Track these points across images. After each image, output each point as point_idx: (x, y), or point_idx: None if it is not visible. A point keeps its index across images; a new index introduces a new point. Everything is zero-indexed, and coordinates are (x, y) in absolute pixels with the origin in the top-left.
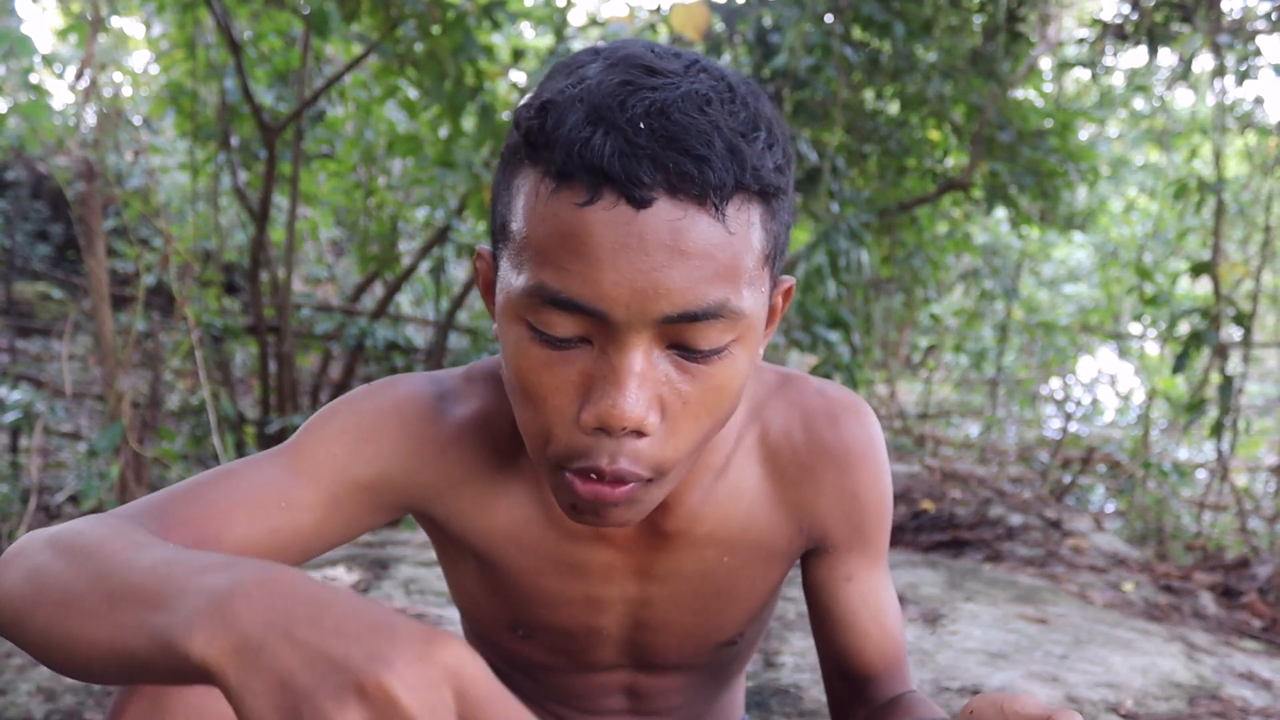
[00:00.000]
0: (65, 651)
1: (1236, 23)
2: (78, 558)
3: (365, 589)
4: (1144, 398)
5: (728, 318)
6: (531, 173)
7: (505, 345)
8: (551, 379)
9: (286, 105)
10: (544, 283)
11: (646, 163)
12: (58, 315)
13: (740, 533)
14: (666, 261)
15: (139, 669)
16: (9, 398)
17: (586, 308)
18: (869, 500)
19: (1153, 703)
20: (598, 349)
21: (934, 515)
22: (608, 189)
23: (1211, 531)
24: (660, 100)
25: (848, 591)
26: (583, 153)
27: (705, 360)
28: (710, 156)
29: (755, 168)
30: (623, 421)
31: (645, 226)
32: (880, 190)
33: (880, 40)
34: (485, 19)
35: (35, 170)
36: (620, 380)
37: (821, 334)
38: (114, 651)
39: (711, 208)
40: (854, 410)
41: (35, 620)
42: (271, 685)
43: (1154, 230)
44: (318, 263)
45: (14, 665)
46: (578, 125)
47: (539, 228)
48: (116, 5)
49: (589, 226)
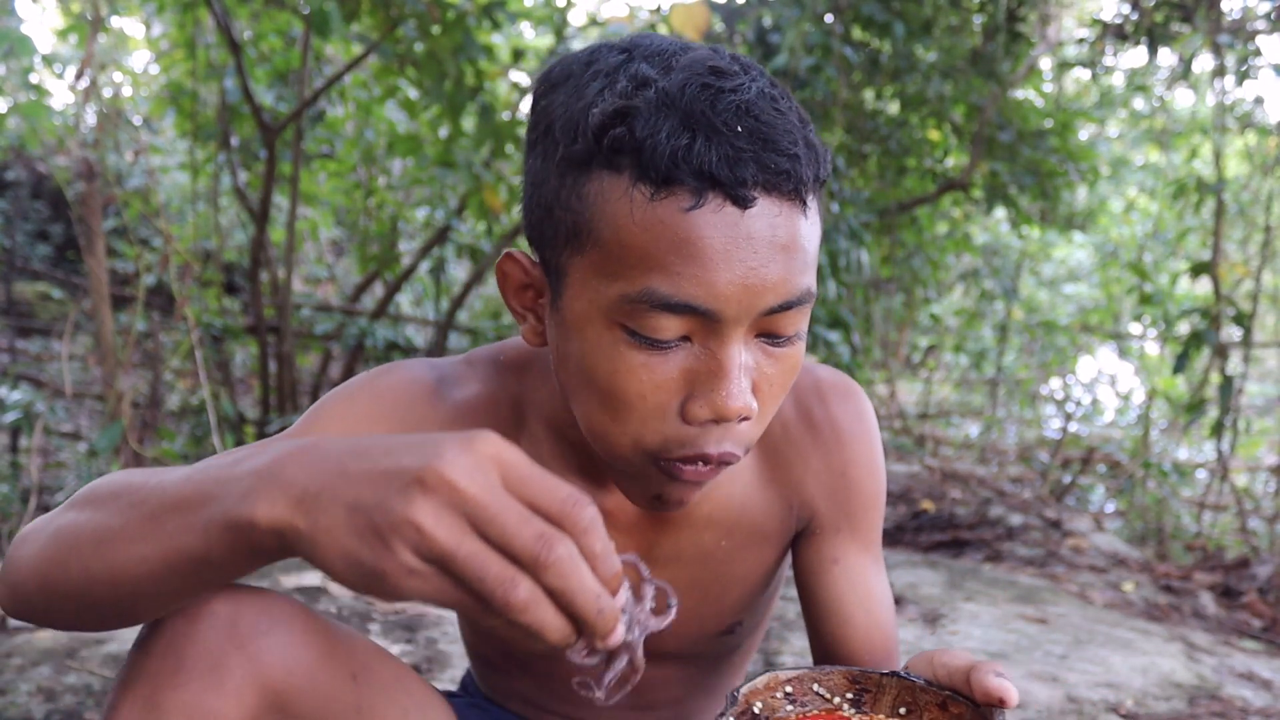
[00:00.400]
0: (110, 585)
1: (1236, 23)
2: (104, 503)
3: None
4: (1144, 398)
5: (809, 302)
6: (616, 180)
7: (592, 352)
8: (651, 378)
9: (286, 105)
10: (653, 288)
11: (751, 165)
12: (58, 315)
13: (737, 514)
14: (770, 257)
15: (195, 569)
16: (9, 398)
17: (700, 309)
18: (856, 479)
19: (1153, 702)
20: (699, 346)
21: (934, 515)
22: (713, 193)
23: (1211, 531)
24: (744, 101)
25: (834, 575)
26: (686, 158)
27: (786, 344)
28: (799, 154)
29: (824, 161)
30: (736, 412)
31: (752, 226)
32: (880, 190)
33: (880, 40)
34: (485, 19)
35: (35, 170)
36: (729, 373)
37: (821, 334)
38: (166, 561)
39: (800, 202)
40: (843, 390)
41: (70, 570)
42: (341, 516)
43: (1154, 230)
44: (318, 263)
45: (14, 665)
46: (674, 132)
47: (641, 234)
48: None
49: (699, 230)
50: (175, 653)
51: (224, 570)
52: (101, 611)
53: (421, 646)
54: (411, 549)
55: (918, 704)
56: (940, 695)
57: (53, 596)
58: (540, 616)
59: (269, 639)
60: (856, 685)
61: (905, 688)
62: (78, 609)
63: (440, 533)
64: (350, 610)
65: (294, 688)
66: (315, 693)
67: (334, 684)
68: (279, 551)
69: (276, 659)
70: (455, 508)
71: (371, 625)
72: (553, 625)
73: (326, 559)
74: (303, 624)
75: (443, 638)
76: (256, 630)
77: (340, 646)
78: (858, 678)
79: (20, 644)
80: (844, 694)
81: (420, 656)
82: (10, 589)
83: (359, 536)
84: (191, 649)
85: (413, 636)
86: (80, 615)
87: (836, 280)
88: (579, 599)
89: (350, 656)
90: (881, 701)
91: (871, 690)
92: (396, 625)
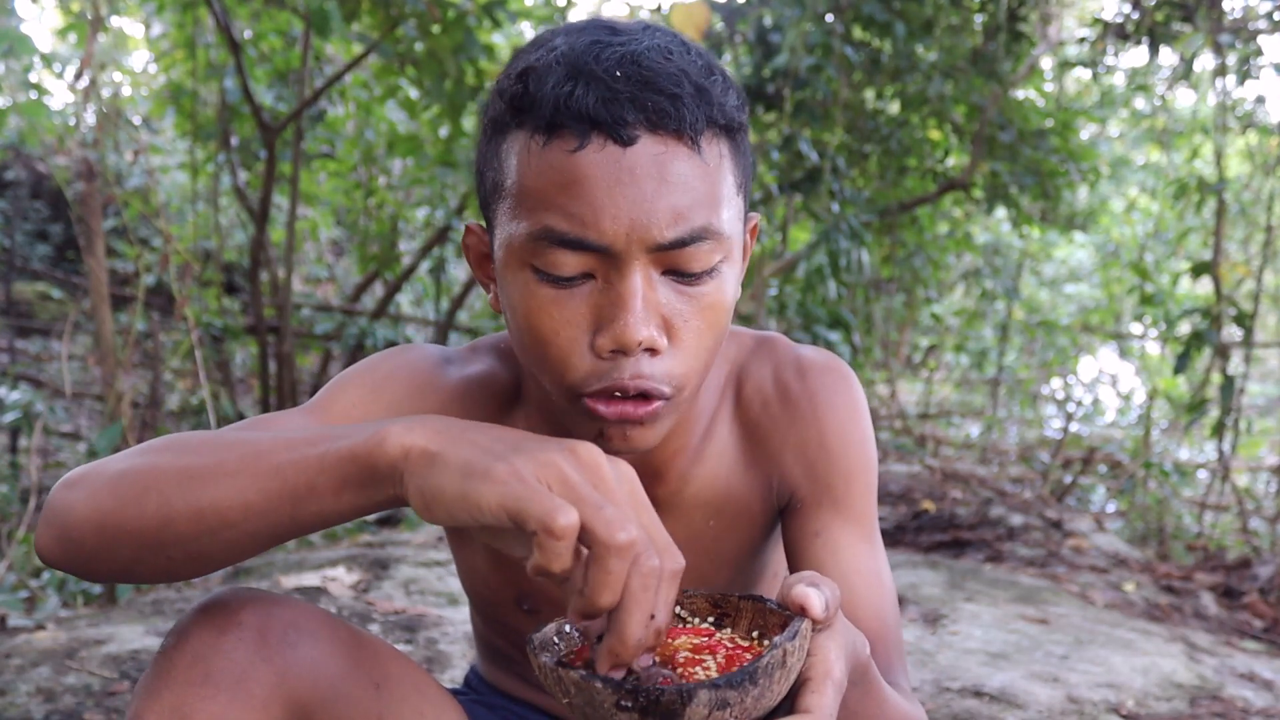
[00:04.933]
0: (193, 520)
1: (1238, 22)
2: (187, 448)
3: (365, 589)
4: (1145, 398)
5: (713, 239)
6: (519, 134)
7: (511, 294)
8: (562, 314)
9: (286, 105)
10: (550, 226)
11: (628, 104)
12: (58, 315)
13: (724, 494)
14: (656, 191)
15: (292, 504)
16: (9, 398)
17: (591, 244)
18: (834, 451)
19: (1154, 703)
20: (601, 281)
21: (934, 515)
22: (595, 133)
23: (1213, 532)
24: (630, 52)
25: (815, 547)
26: (568, 104)
27: (699, 281)
28: (682, 95)
29: (721, 104)
30: (635, 337)
31: (634, 161)
32: (881, 190)
33: (881, 40)
34: (485, 18)
35: (35, 170)
36: (627, 303)
37: (822, 334)
38: (265, 492)
39: (689, 140)
40: (823, 365)
41: (146, 507)
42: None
43: (1155, 230)
44: (318, 263)
45: (13, 666)
46: (559, 82)
47: (536, 179)
48: (116, 5)
49: (584, 169)
50: (203, 664)
51: (321, 508)
52: (168, 553)
53: (422, 646)
54: (544, 478)
55: (768, 625)
56: (783, 617)
57: (114, 537)
58: (613, 578)
59: (296, 651)
60: (718, 609)
61: (759, 610)
62: (139, 550)
63: (572, 475)
64: (350, 610)
65: (320, 699)
66: (339, 703)
67: (358, 694)
68: (390, 480)
69: (304, 671)
70: (591, 473)
71: (371, 625)
72: (610, 594)
73: (444, 474)
74: (330, 634)
75: (443, 638)
76: (285, 642)
77: (364, 655)
78: (719, 601)
79: (20, 644)
80: (706, 617)
81: (420, 656)
82: (57, 531)
83: (492, 458)
84: (219, 660)
85: (413, 637)
86: (138, 559)
87: (837, 280)
88: (634, 614)
89: (374, 664)
90: (739, 624)
91: (731, 614)
92: (397, 625)
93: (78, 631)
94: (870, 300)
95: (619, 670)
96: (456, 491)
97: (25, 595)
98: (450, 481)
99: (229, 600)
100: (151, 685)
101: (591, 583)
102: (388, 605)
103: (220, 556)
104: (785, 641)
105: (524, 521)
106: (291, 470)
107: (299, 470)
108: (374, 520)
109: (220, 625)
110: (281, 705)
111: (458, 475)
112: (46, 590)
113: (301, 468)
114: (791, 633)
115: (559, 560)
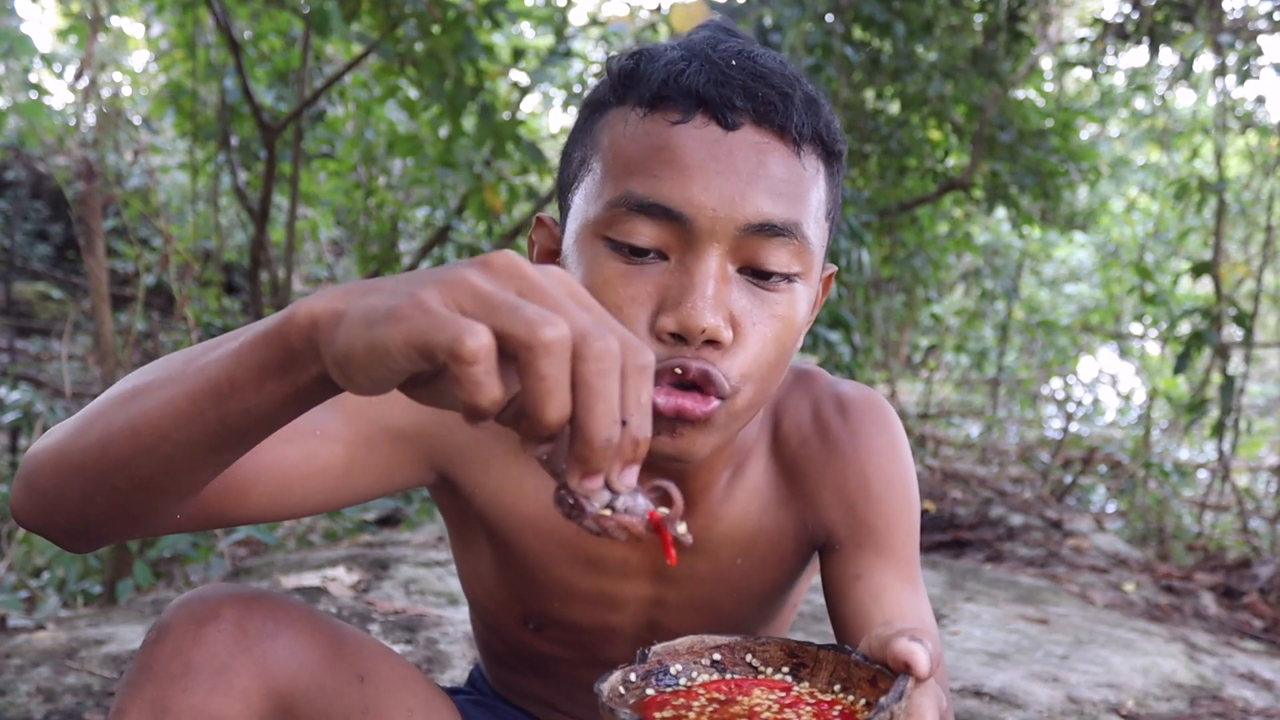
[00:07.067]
0: (130, 440)
1: (1238, 22)
2: (137, 372)
3: (365, 589)
4: (1145, 398)
5: (799, 241)
6: (620, 109)
7: (577, 271)
8: (627, 289)
9: (286, 105)
10: (631, 190)
11: (738, 90)
12: (57, 315)
13: (754, 532)
14: (751, 177)
15: (219, 402)
16: (9, 398)
17: (673, 210)
18: (876, 493)
19: (1154, 703)
20: (675, 262)
21: (935, 515)
22: (701, 111)
23: (1213, 532)
24: (748, 50)
25: (857, 590)
26: (678, 79)
27: (774, 286)
28: (794, 96)
29: (828, 123)
30: (701, 322)
31: (734, 145)
32: (881, 190)
33: (881, 40)
34: (485, 18)
35: (35, 170)
36: (698, 286)
37: (822, 334)
38: (191, 397)
39: (792, 141)
40: (864, 403)
41: (90, 435)
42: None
43: (1155, 230)
44: (318, 263)
45: (13, 666)
46: (673, 61)
47: (628, 146)
48: (116, 5)
49: (681, 141)
50: (183, 656)
51: (246, 404)
52: (112, 482)
53: (422, 646)
54: (452, 301)
55: (853, 679)
56: (871, 670)
57: (66, 474)
58: (550, 382)
59: (276, 642)
60: (794, 659)
61: (842, 662)
62: (87, 484)
63: (484, 287)
64: (350, 610)
65: (301, 690)
66: (322, 694)
67: (341, 685)
68: (306, 356)
69: (283, 662)
70: (511, 279)
71: (371, 625)
72: (554, 402)
73: (352, 329)
74: (310, 626)
75: (443, 638)
76: (264, 633)
77: (347, 648)
78: (795, 650)
79: (20, 644)
80: (780, 666)
81: (420, 657)
82: (23, 481)
83: (396, 296)
84: (199, 652)
85: (413, 637)
86: (88, 496)
87: (837, 280)
88: (593, 406)
89: (357, 657)
90: (819, 675)
91: (809, 664)
92: (396, 625)
93: (78, 631)
94: (870, 300)
95: (594, 482)
96: (364, 344)
97: (25, 595)
98: (358, 335)
99: (209, 595)
100: (133, 678)
101: (529, 396)
102: (388, 605)
103: (161, 480)
104: (892, 703)
105: (433, 355)
106: (214, 367)
107: (220, 366)
108: (374, 520)
109: (200, 618)
110: (262, 696)
111: (363, 326)
112: (46, 590)
113: (222, 363)
114: (898, 693)
115: (482, 390)
